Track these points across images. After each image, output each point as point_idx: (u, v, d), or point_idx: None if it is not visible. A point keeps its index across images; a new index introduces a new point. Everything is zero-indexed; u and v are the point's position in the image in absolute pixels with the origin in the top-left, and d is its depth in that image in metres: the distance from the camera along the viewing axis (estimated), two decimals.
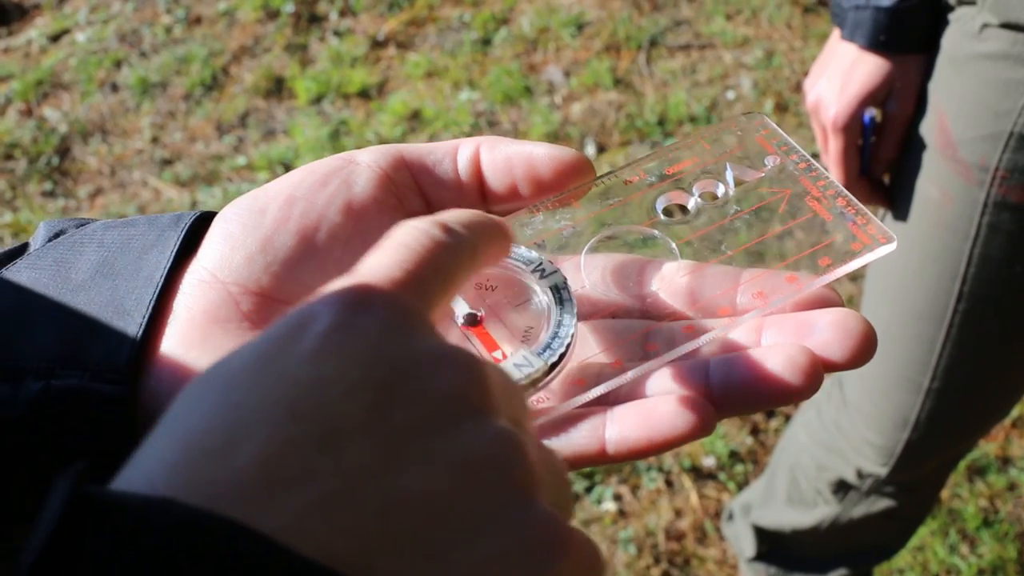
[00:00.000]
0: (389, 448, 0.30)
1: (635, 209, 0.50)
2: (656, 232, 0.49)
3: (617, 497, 1.90)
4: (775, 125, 0.52)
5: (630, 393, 0.44)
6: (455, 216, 0.39)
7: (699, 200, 0.50)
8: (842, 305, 0.44)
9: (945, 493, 1.88)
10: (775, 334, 0.43)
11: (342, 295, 0.33)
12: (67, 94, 2.75)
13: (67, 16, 2.97)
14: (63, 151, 2.61)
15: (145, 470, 0.29)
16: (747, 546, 1.63)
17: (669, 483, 1.92)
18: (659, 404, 0.41)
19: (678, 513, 1.88)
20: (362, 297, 0.33)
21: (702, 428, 0.40)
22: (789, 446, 1.50)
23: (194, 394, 0.31)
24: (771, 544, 1.60)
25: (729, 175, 0.50)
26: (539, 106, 2.59)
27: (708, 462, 1.94)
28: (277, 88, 2.72)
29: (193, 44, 2.84)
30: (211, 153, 2.58)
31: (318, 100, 2.67)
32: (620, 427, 0.41)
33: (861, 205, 0.49)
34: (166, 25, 2.91)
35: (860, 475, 1.35)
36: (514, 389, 0.36)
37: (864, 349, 0.41)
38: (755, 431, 1.98)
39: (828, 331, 0.42)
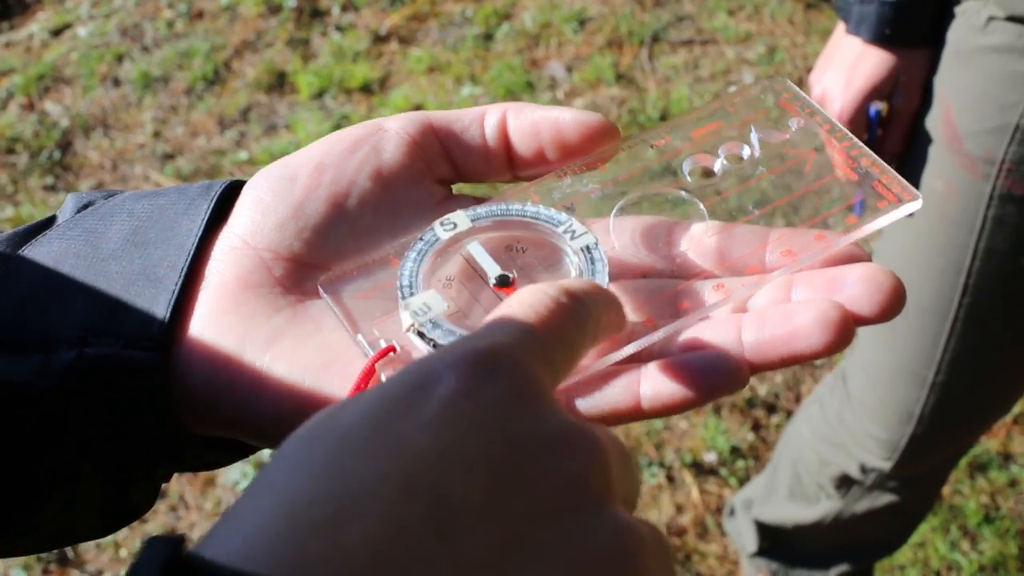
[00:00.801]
0: (506, 537, 0.28)
1: (662, 172, 0.50)
2: (683, 193, 0.49)
3: None
4: (798, 88, 0.52)
5: (663, 350, 0.44)
6: (579, 285, 0.39)
7: (725, 162, 0.50)
8: (870, 261, 0.45)
9: (946, 489, 1.88)
10: (805, 290, 0.43)
11: (468, 357, 0.32)
12: (69, 88, 2.75)
13: (69, 10, 2.96)
14: (65, 145, 2.61)
15: (246, 536, 0.27)
16: (749, 541, 1.63)
17: (670, 478, 1.92)
18: (693, 360, 0.41)
19: (679, 509, 1.88)
20: (489, 361, 0.32)
21: (736, 382, 0.40)
22: (791, 441, 1.50)
23: (301, 452, 0.29)
24: (773, 539, 1.60)
25: (754, 137, 0.51)
26: (541, 101, 2.59)
27: (709, 457, 1.93)
28: (279, 83, 2.71)
29: (195, 38, 2.84)
30: (213, 148, 2.58)
31: (320, 95, 2.67)
32: (654, 383, 0.41)
33: (885, 164, 0.49)
34: (168, 19, 2.91)
35: (863, 470, 1.35)
36: (630, 465, 0.35)
37: (893, 303, 0.42)
38: (756, 426, 1.98)
39: (858, 286, 0.42)
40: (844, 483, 1.39)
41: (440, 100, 2.61)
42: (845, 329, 0.40)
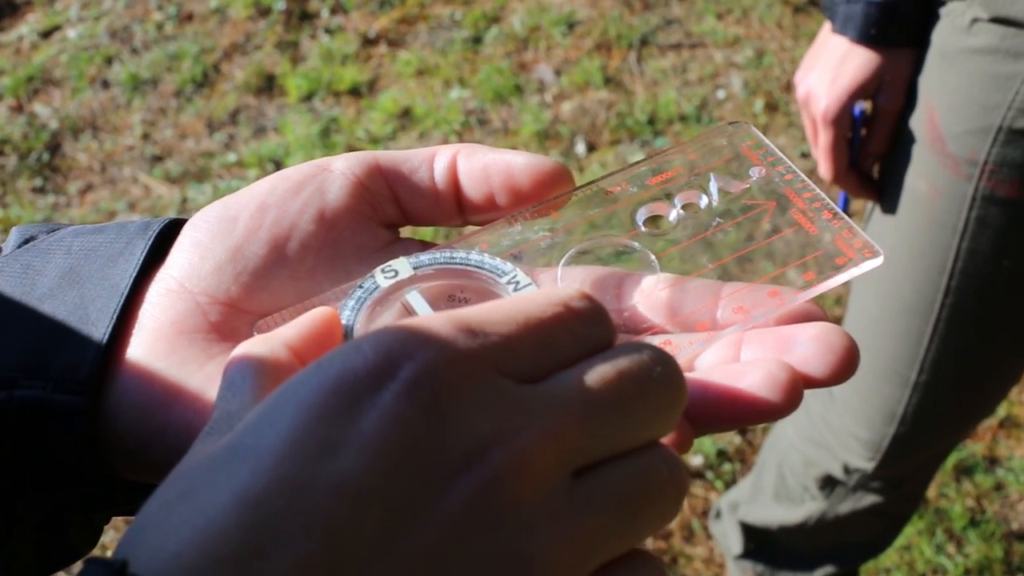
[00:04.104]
0: None
1: (615, 220, 0.48)
2: (636, 244, 0.48)
3: None
4: (761, 135, 0.51)
5: None
6: None
7: (681, 212, 0.48)
8: (825, 319, 0.43)
9: (932, 493, 1.89)
10: (755, 349, 0.42)
11: None
12: (58, 90, 2.75)
13: (58, 12, 2.96)
14: (53, 147, 2.61)
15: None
16: (734, 544, 1.63)
17: None
18: None
19: None
20: None
21: (678, 446, 0.39)
22: (777, 442, 1.50)
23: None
24: (758, 541, 1.60)
25: (713, 186, 0.49)
26: (529, 104, 2.59)
27: (696, 461, 1.94)
28: (268, 85, 2.71)
29: (184, 41, 2.84)
30: (202, 150, 2.57)
31: (309, 97, 2.67)
32: None
33: (847, 218, 0.47)
34: (157, 22, 2.91)
35: (847, 470, 1.35)
36: None
37: (846, 365, 0.40)
38: (743, 430, 1.98)
39: (809, 346, 0.40)
40: (828, 484, 1.40)
41: (428, 103, 2.61)
42: (794, 391, 0.39)
